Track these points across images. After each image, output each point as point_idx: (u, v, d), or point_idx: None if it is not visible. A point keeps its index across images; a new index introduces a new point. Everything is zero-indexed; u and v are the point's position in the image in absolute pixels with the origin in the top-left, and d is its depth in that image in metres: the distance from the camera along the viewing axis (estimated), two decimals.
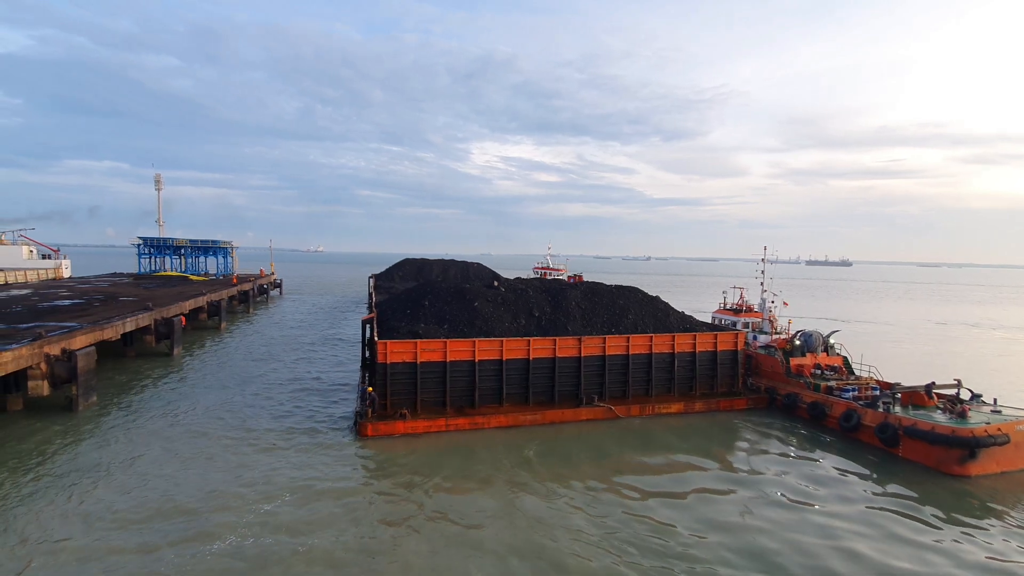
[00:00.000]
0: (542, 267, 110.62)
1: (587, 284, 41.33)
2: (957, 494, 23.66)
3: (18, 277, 72.50)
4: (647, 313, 38.14)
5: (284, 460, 25.18)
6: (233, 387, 38.15)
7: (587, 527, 20.01)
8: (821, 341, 38.43)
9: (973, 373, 46.86)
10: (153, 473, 23.63)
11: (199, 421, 30.67)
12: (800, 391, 34.53)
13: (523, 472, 24.83)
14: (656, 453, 27.90)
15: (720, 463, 26.77)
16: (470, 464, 25.56)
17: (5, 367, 27.30)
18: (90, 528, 19.05)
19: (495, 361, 32.07)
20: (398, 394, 30.50)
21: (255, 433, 28.76)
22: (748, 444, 29.83)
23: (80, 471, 23.71)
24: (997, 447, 25.10)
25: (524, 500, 22.11)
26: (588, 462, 26.25)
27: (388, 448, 27.17)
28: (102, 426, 29.65)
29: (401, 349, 30.49)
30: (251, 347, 53.61)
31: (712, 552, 18.58)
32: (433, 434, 29.24)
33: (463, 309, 35.32)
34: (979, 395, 30.65)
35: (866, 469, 26.20)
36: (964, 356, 58.68)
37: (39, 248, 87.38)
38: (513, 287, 39.20)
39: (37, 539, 18.25)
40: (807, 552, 18.73)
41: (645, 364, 35.17)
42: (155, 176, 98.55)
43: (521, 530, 19.72)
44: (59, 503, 20.75)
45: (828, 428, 31.74)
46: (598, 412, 32.67)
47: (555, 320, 35.96)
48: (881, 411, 29.02)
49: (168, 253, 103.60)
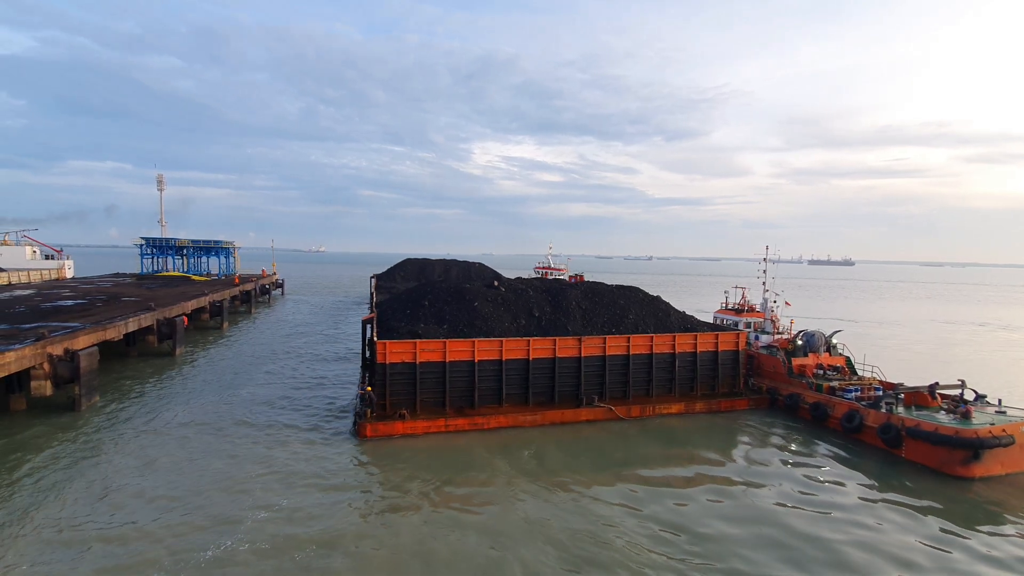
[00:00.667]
0: (543, 267, 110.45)
1: (587, 284, 41.19)
2: (961, 496, 23.41)
3: (21, 277, 72.80)
4: (648, 313, 37.96)
5: (282, 461, 25.08)
6: (234, 387, 38.13)
7: (592, 528, 19.85)
8: (823, 341, 38.18)
9: (979, 373, 46.56)
10: (152, 475, 23.58)
11: (200, 421, 30.62)
12: (802, 391, 34.30)
13: (523, 473, 24.69)
14: (657, 454, 27.73)
15: (722, 464, 26.58)
16: (470, 465, 25.43)
17: (8, 367, 27.35)
18: (86, 527, 19.00)
19: (495, 361, 31.95)
20: (397, 394, 30.41)
21: (254, 434, 28.70)
22: (750, 445, 29.63)
23: (81, 471, 23.68)
24: (1001, 448, 24.84)
25: (525, 501, 21.97)
26: (589, 463, 26.10)
27: (387, 449, 27.08)
28: (104, 426, 29.66)
29: (400, 349, 30.41)
30: (253, 347, 53.62)
31: (719, 555, 18.41)
32: (432, 435, 29.14)
33: (463, 309, 35.22)
34: (983, 396, 30.37)
35: (869, 470, 25.96)
36: (969, 356, 58.26)
37: (42, 249, 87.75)
38: (513, 287, 39.07)
39: (37, 540, 18.18)
40: (813, 554, 18.54)
41: (646, 364, 34.99)
42: (157, 176, 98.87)
43: (524, 531, 19.60)
44: (60, 503, 20.71)
45: (830, 429, 31.50)
46: (598, 413, 32.51)
47: (555, 320, 35.82)
48: (884, 412, 28.77)
49: (170, 253, 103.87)
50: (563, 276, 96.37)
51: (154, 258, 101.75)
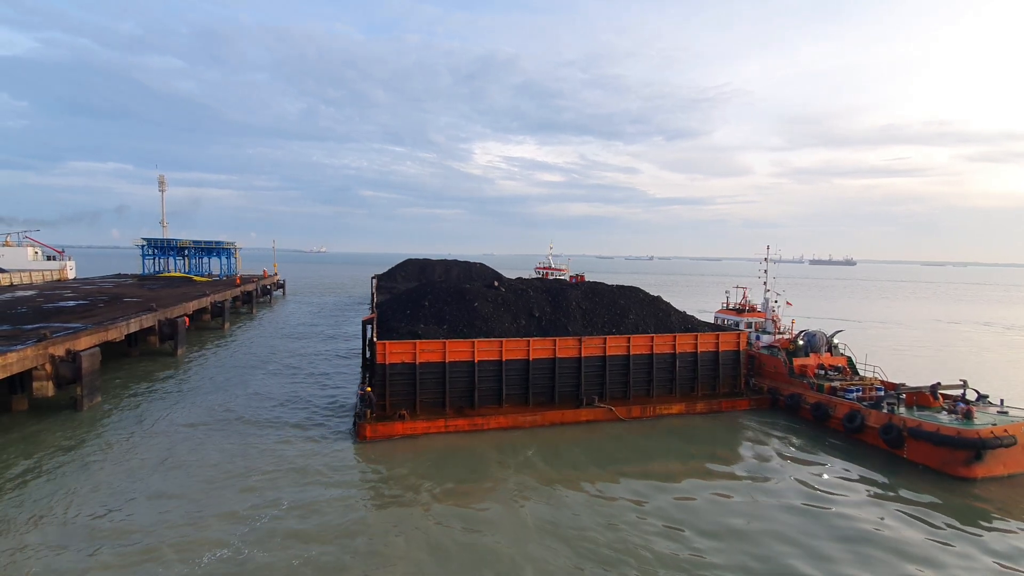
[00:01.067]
0: (544, 267, 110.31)
1: (588, 284, 41.10)
2: (962, 497, 23.27)
3: (23, 278, 73.00)
4: (648, 313, 37.87)
5: (283, 461, 25.08)
6: (235, 388, 38.16)
7: (594, 530, 19.79)
8: (825, 341, 38.04)
9: (982, 374, 46.38)
10: (153, 474, 23.59)
11: (201, 422, 30.64)
12: (803, 392, 34.17)
13: (524, 474, 24.64)
14: (657, 454, 27.65)
15: (722, 465, 26.47)
16: (470, 465, 25.39)
17: (10, 368, 27.41)
18: (90, 527, 19.01)
19: (495, 362, 31.89)
20: (397, 395, 30.37)
21: (256, 433, 28.72)
22: (750, 445, 29.52)
23: (82, 471, 23.71)
24: (1004, 449, 24.70)
25: (526, 502, 21.93)
26: (589, 464, 26.02)
27: (387, 450, 27.04)
28: (106, 426, 29.72)
29: (400, 350, 30.37)
30: (254, 347, 53.67)
31: (723, 555, 18.35)
32: (432, 435, 29.09)
33: (463, 309, 35.17)
34: (986, 396, 30.22)
35: (870, 471, 25.83)
36: (972, 356, 58.01)
37: (44, 250, 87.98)
38: (513, 287, 39.01)
39: (37, 540, 18.20)
40: (814, 555, 18.45)
41: (646, 364, 34.90)
42: (158, 177, 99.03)
43: (525, 532, 19.56)
44: (60, 503, 20.72)
45: (831, 429, 31.37)
46: (599, 413, 32.43)
47: (555, 320, 35.75)
48: (885, 412, 28.63)
49: (172, 254, 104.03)
50: (564, 276, 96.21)
51: (155, 259, 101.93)
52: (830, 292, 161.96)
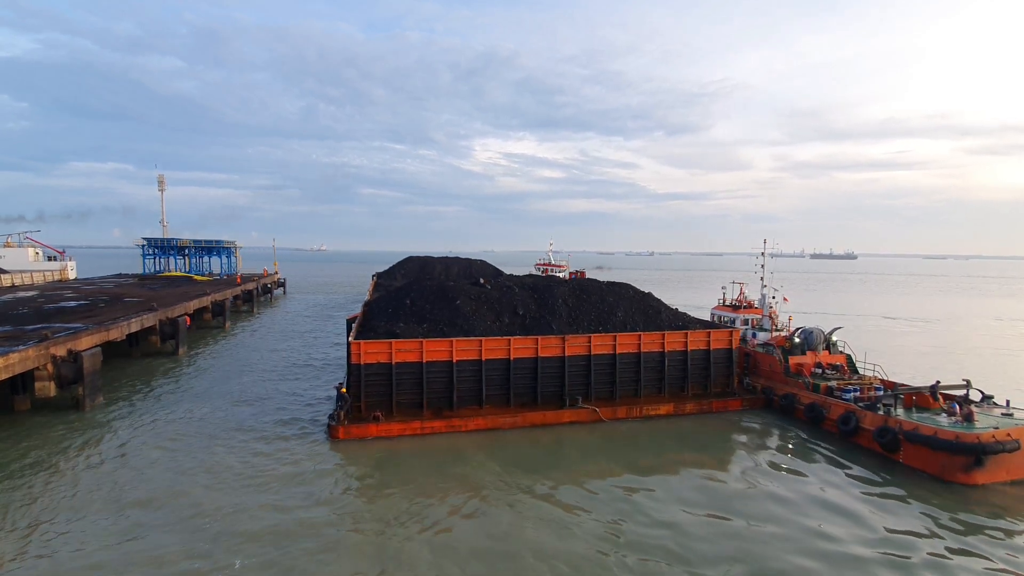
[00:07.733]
0: (544, 263, 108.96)
1: (576, 281, 39.99)
2: (961, 505, 21.76)
3: (24, 279, 73.57)
4: (637, 310, 36.61)
5: (254, 463, 24.66)
6: (235, 386, 38.02)
7: (561, 535, 18.84)
8: (822, 338, 36.47)
9: (987, 371, 44.44)
10: (153, 474, 23.51)
11: (201, 422, 30.48)
12: (798, 391, 32.77)
13: (497, 476, 23.74)
14: (638, 457, 26.40)
15: (707, 469, 25.16)
16: (443, 468, 24.58)
17: (12, 368, 27.24)
18: (90, 527, 19.06)
19: (474, 361, 30.93)
20: (372, 396, 29.58)
21: (240, 435, 28.38)
22: (739, 448, 28.27)
23: (82, 471, 23.65)
24: (1006, 454, 23.19)
25: (496, 506, 21.06)
26: (568, 466, 25.03)
27: (359, 451, 26.31)
28: (108, 426, 29.57)
29: (375, 350, 29.56)
30: (254, 347, 53.48)
31: (707, 564, 17.31)
32: (408, 437, 28.29)
33: (445, 308, 34.24)
34: (990, 396, 28.61)
35: (863, 477, 24.42)
36: (978, 352, 55.78)
37: (44, 250, 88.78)
38: (499, 284, 38.00)
39: (37, 541, 18.19)
40: (800, 567, 17.29)
41: (633, 364, 33.69)
42: (158, 177, 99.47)
43: (490, 538, 18.75)
44: (61, 503, 20.75)
45: (826, 431, 29.98)
46: (582, 414, 31.36)
47: (540, 318, 34.67)
48: (881, 414, 27.20)
49: (172, 254, 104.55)
50: (563, 273, 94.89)
51: (156, 258, 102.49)
52: (831, 286, 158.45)
